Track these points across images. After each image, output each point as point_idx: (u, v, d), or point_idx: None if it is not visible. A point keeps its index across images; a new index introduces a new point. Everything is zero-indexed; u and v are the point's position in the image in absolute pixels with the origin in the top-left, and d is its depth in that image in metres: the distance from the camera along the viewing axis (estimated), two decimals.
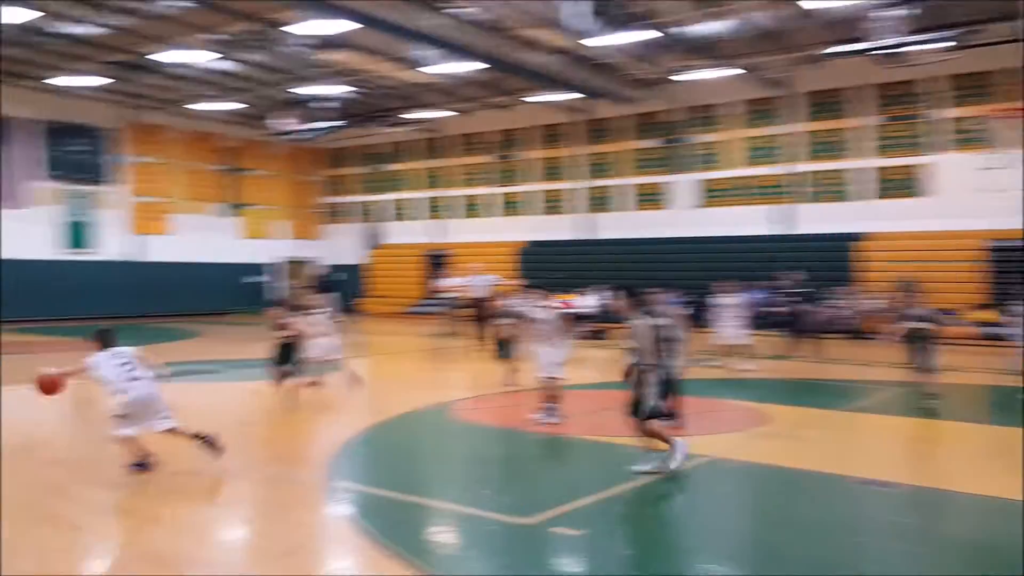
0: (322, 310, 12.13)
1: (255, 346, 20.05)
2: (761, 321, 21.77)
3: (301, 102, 27.21)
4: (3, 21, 17.74)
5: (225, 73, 23.69)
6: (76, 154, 26.42)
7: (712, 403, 10.90)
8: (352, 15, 15.70)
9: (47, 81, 23.74)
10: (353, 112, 28.34)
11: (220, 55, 21.31)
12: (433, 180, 31.11)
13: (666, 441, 7.03)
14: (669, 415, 8.79)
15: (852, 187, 22.73)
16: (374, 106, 27.52)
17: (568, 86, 21.64)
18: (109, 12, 17.93)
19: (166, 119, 28.49)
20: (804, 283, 16.90)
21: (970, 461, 8.00)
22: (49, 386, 7.10)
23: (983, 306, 19.85)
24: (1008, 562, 5.12)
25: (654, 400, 6.97)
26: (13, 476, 6.92)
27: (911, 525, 6.01)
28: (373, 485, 6.92)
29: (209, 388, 12.64)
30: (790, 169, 23.62)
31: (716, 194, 24.85)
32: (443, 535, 5.79)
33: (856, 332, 19.48)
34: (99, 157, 27.02)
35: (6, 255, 24.38)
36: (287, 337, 10.47)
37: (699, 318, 21.54)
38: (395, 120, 28.72)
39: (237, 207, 31.34)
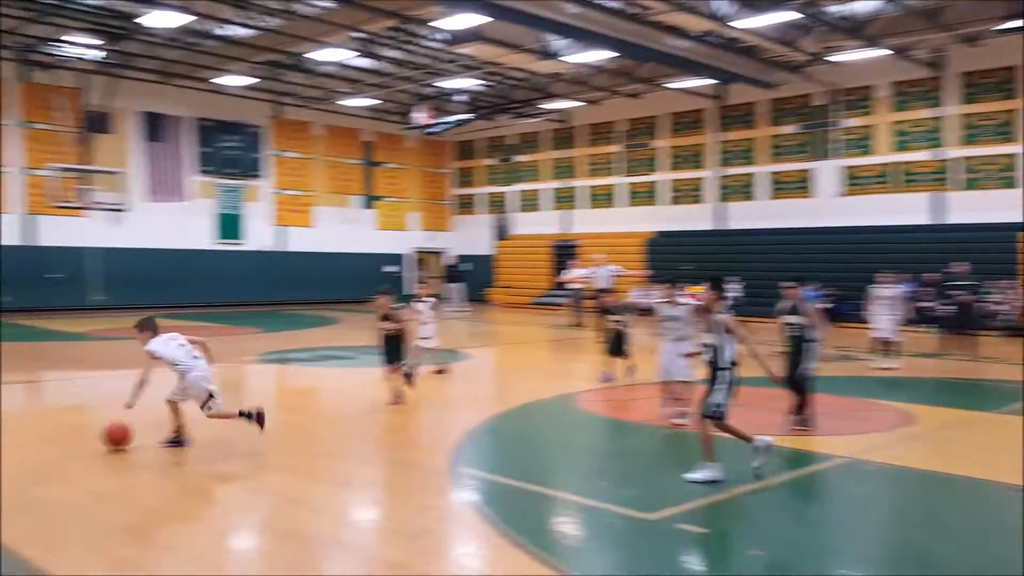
0: (426, 299, 12.33)
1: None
2: (918, 316, 20.58)
3: (436, 96, 27.90)
4: (160, 25, 19.14)
5: (365, 70, 24.59)
6: (228, 150, 28.14)
7: (854, 402, 10.38)
8: (489, 7, 15.84)
9: (202, 80, 25.43)
10: (484, 104, 28.77)
11: (360, 52, 22.10)
12: (561, 171, 31.11)
13: (710, 455, 6.51)
14: (800, 416, 8.41)
15: (1014, 174, 20.96)
16: (505, 97, 27.80)
17: (706, 71, 21.01)
18: (259, 13, 18.95)
19: (309, 115, 29.90)
20: (965, 276, 15.73)
21: None
22: (120, 436, 7.23)
23: None
24: None
25: (720, 400, 6.49)
26: (158, 456, 7.46)
27: None
28: (496, 473, 7.00)
29: (344, 373, 13.18)
30: (944, 155, 22.05)
31: (862, 181, 23.54)
32: (565, 526, 5.78)
33: (1015, 329, 18.02)
34: (248, 153, 28.67)
35: (169, 245, 26.38)
36: (394, 329, 9.88)
37: (841, 312, 20.67)
38: (526, 111, 28.90)
39: (373, 199, 32.49)
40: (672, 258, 25.69)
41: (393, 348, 9.87)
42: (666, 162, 27.90)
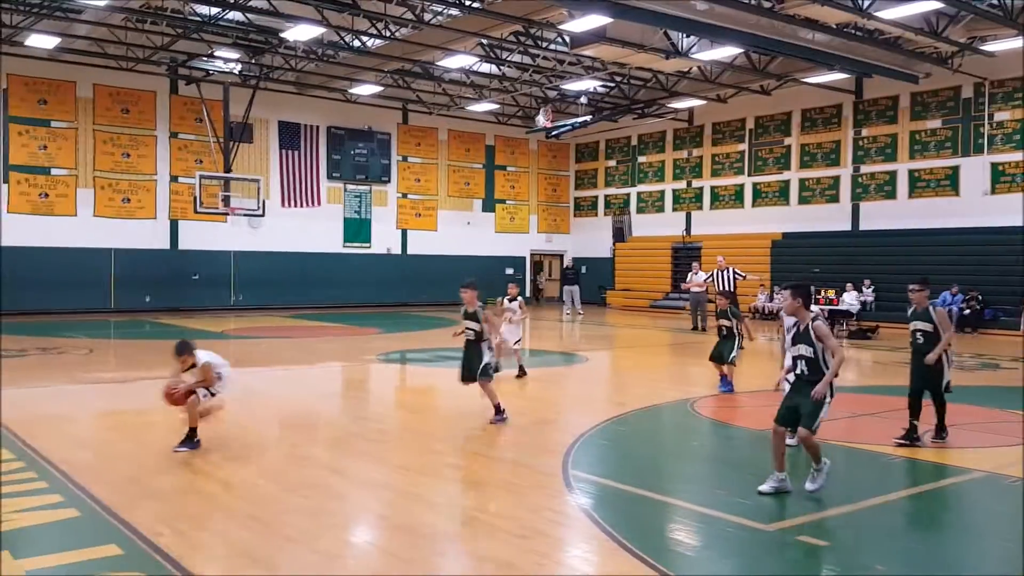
0: (515, 299, 12.23)
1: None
2: None
3: (559, 98, 28.00)
4: (299, 38, 20.11)
5: (489, 75, 24.99)
6: (357, 156, 29.25)
7: (998, 414, 9.63)
8: (615, 8, 15.70)
9: (335, 90, 26.57)
10: (607, 105, 28.61)
11: (485, 58, 22.46)
12: (684, 170, 30.50)
13: (817, 458, 6.09)
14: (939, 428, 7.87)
15: None
16: (628, 98, 27.53)
17: (843, 64, 20.05)
18: (390, 24, 19.59)
19: (434, 121, 30.66)
20: None
21: None
22: (178, 399, 7.42)
23: None
24: None
25: (813, 411, 6.04)
26: (286, 448, 7.80)
27: None
28: (609, 477, 6.92)
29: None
30: None
31: (1014, 178, 21.82)
32: (677, 533, 5.64)
33: None
34: (376, 159, 29.69)
35: (302, 249, 27.71)
36: (476, 331, 8.90)
37: (988, 318, 19.30)
38: (649, 111, 28.52)
39: (494, 202, 32.93)
40: (799, 260, 24.73)
41: (471, 357, 8.85)
42: (796, 160, 26.82)
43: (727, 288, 17.50)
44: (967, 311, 20.07)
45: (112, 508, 5.68)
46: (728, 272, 18.72)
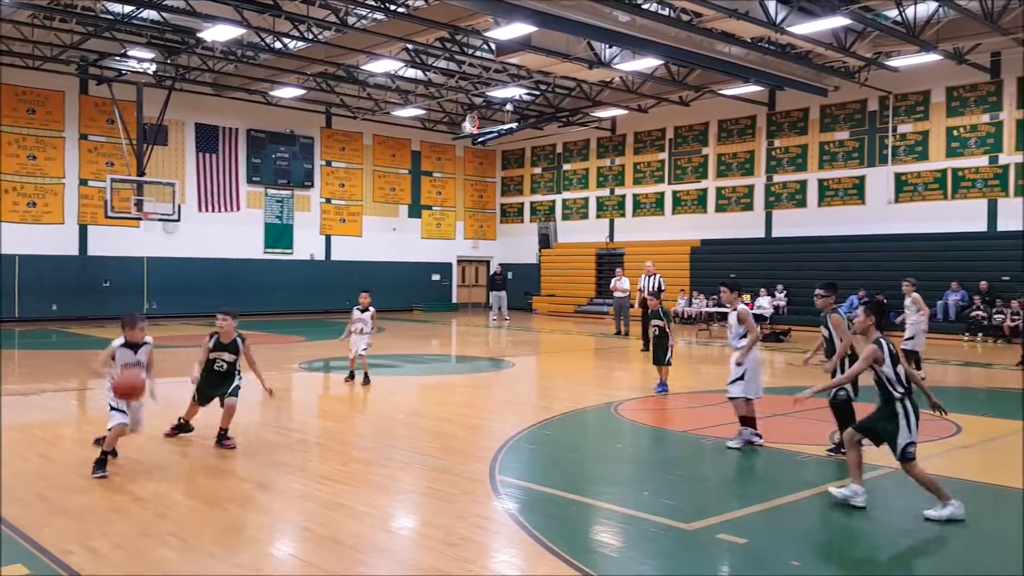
0: (366, 309, 12.39)
1: (432, 342, 21.00)
2: (971, 325, 20.07)
3: (484, 105, 28.10)
4: (217, 38, 19.63)
5: (415, 80, 24.90)
6: (278, 160, 28.68)
7: None
8: (539, 17, 15.86)
9: (255, 92, 26.01)
10: (532, 113, 28.87)
11: (411, 63, 22.37)
12: (607, 179, 31.02)
13: (941, 494, 5.93)
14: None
15: None
16: (553, 106, 27.85)
17: (757, 77, 20.74)
18: (314, 27, 19.31)
19: (359, 126, 30.34)
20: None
21: None
22: (128, 390, 6.84)
23: None
24: None
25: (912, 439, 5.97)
26: (198, 461, 7.59)
27: None
28: (535, 481, 6.98)
29: (385, 381, 13.27)
30: (1001, 160, 21.41)
31: (916, 188, 22.98)
32: (602, 535, 5.73)
33: None
34: (298, 163, 29.18)
35: (220, 255, 27.01)
36: (228, 363, 8.29)
37: (892, 322, 20.20)
38: (573, 119, 28.90)
39: (420, 208, 32.79)
40: (717, 266, 25.45)
41: (212, 383, 8.20)
42: (714, 169, 27.61)
43: (652, 294, 17.84)
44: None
45: (19, 527, 5.43)
46: (656, 279, 19.08)
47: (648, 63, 21.21)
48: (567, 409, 10.34)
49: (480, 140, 29.49)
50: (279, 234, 28.86)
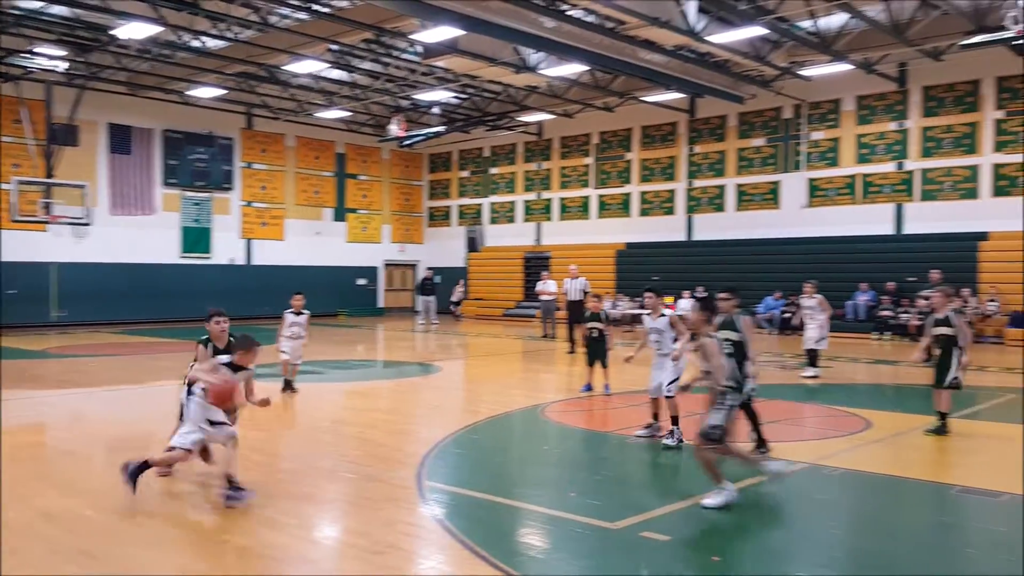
0: (300, 312, 12.16)
1: (358, 347, 20.74)
2: (879, 324, 20.97)
3: (411, 108, 27.93)
4: (131, 36, 18.96)
5: (339, 81, 24.56)
6: (196, 162, 27.87)
7: (817, 409, 10.50)
8: (465, 21, 15.86)
9: (172, 92, 25.22)
10: (459, 116, 28.85)
11: (335, 64, 22.07)
12: (534, 183, 31.23)
13: (717, 478, 6.20)
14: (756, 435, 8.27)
15: (974, 185, 21.38)
16: (480, 110, 27.90)
17: (678, 84, 21.21)
18: (233, 25, 18.84)
19: (281, 127, 29.75)
20: (938, 284, 16.03)
21: None
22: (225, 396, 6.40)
23: None
24: None
25: (717, 421, 6.27)
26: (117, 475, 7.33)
27: (1012, 535, 5.60)
28: (463, 486, 6.97)
29: (310, 388, 13.05)
30: (907, 166, 22.45)
31: (827, 193, 23.88)
32: (530, 537, 5.77)
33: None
34: (217, 165, 28.42)
35: (134, 260, 26.09)
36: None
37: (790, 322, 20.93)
38: (500, 124, 29.01)
39: (345, 211, 32.37)
40: (641, 269, 25.93)
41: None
42: (637, 174, 28.12)
43: (578, 297, 18.07)
44: (788, 315, 21.72)
45: None
46: (579, 282, 19.26)
47: (573, 69, 21.47)
48: (494, 413, 10.37)
49: (407, 143, 29.31)
50: (197, 238, 28.04)
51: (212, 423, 6.40)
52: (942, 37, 18.85)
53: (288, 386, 11.80)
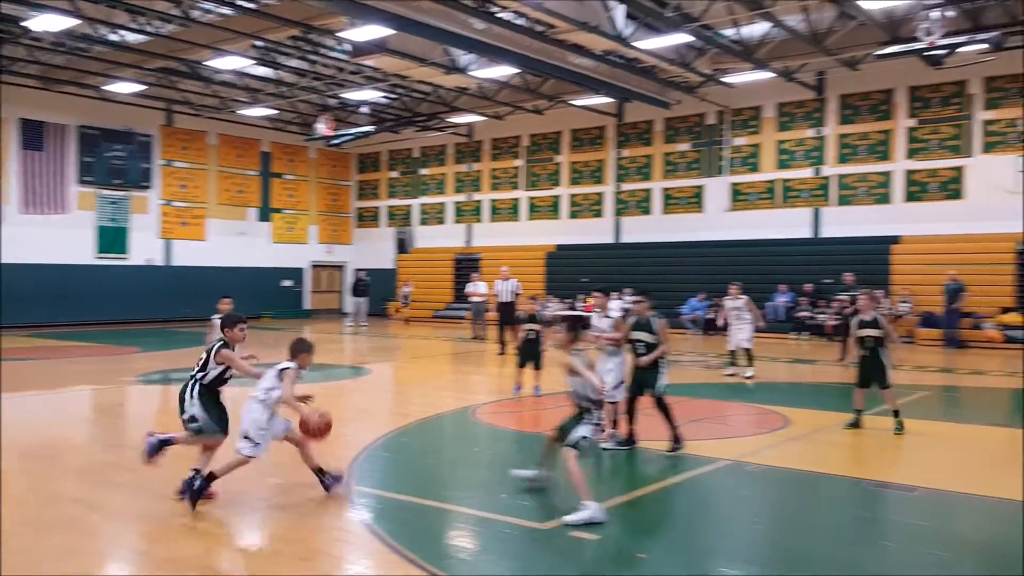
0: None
1: (285, 350, 20.33)
2: (797, 324, 21.68)
3: (339, 107, 27.54)
4: (45, 28, 18.16)
5: (264, 79, 24.05)
6: (113, 159, 26.89)
7: (732, 407, 10.80)
8: (394, 20, 15.73)
9: (89, 87, 24.27)
10: (388, 116, 28.60)
11: (260, 61, 21.60)
12: (465, 184, 31.20)
13: (585, 494, 5.88)
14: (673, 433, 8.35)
15: (888, 190, 22.33)
16: (409, 110, 27.71)
17: (606, 89, 21.50)
18: (153, 19, 18.24)
19: (203, 124, 28.95)
20: (853, 286, 16.67)
21: (989, 464, 7.81)
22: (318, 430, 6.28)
23: (1008, 309, 19.59)
24: (1014, 561, 5.02)
25: (584, 433, 6.15)
26: (30, 483, 7.01)
27: (928, 528, 5.89)
28: (393, 489, 6.92)
29: (233, 393, 12.74)
30: (824, 172, 23.28)
31: (748, 197, 24.57)
32: (460, 540, 5.77)
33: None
34: (135, 162, 27.48)
35: (47, 260, 24.99)
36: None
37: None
38: (430, 124, 28.88)
39: (270, 211, 31.71)
40: (571, 271, 26.19)
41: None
42: (567, 177, 28.39)
43: (509, 299, 18.13)
44: (711, 315, 22.27)
45: None
46: (510, 284, 19.29)
47: (503, 71, 21.54)
48: (424, 415, 10.32)
49: (334, 142, 28.88)
50: (113, 238, 27.03)
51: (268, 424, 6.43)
52: (858, 47, 19.64)
53: None
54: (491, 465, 8.12)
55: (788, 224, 23.59)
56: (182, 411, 6.59)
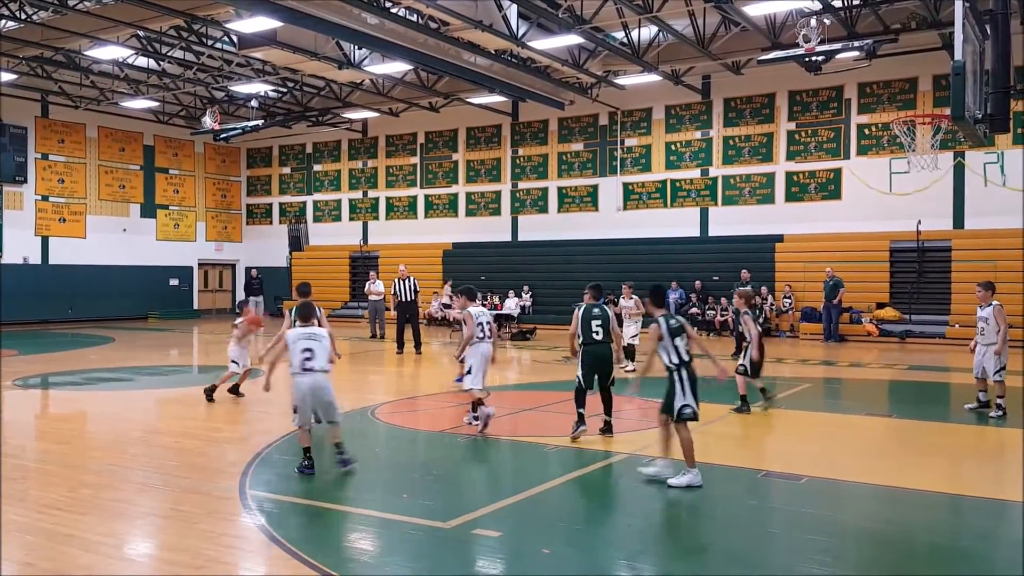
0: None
1: (172, 352, 19.52)
2: (687, 319, 22.43)
3: (227, 100, 26.61)
4: None
5: (148, 70, 22.97)
6: None
7: (627, 401, 11.10)
8: (284, 12, 15.32)
9: None
10: (280, 111, 27.84)
11: (143, 51, 20.63)
12: (359, 181, 30.76)
13: (686, 459, 6.90)
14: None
15: (770, 191, 23.42)
16: (301, 105, 27.05)
17: (501, 87, 21.63)
18: (27, 4, 17.15)
19: (82, 116, 27.40)
20: (747, 283, 17.45)
21: (869, 453, 8.35)
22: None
23: (883, 304, 20.93)
24: (896, 546, 5.38)
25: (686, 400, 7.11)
26: None
27: (814, 515, 6.24)
28: (290, 494, 6.77)
29: (119, 397, 12.18)
30: (712, 173, 24.20)
31: (640, 197, 25.26)
32: (361, 542, 5.71)
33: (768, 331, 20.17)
34: (7, 155, 25.73)
35: None
36: None
37: (619, 317, 22.06)
38: (324, 120, 28.29)
39: (155, 208, 30.36)
40: (469, 269, 26.26)
41: None
42: (463, 175, 28.42)
43: (409, 297, 18.00)
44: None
45: None
46: (410, 281, 19.06)
47: (398, 67, 21.35)
48: None
49: (222, 136, 27.89)
50: None
51: None
52: (742, 52, 20.52)
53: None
54: (392, 465, 8.07)
55: (678, 223, 24.40)
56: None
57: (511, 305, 23.71)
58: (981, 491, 6.89)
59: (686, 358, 7.04)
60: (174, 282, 30.66)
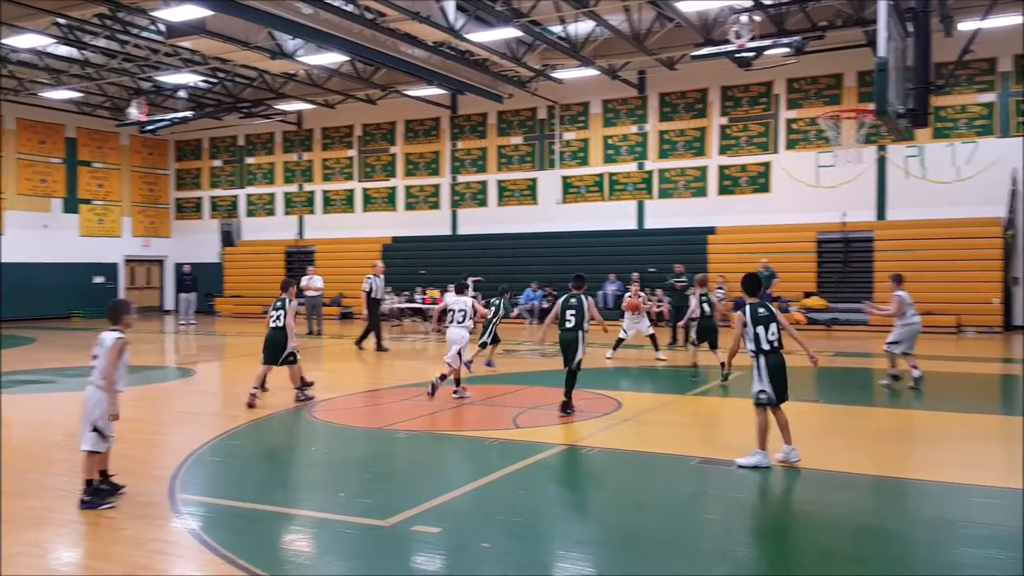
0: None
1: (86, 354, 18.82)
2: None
3: (154, 91, 25.77)
4: None
5: (69, 59, 22.07)
6: None
7: (577, 393, 11.15)
8: (214, 1, 14.86)
9: None
10: (210, 102, 27.10)
11: (63, 39, 19.80)
12: (293, 174, 30.18)
13: (758, 440, 7.16)
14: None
15: (704, 184, 23.82)
16: (233, 96, 26.37)
17: (439, 80, 21.44)
18: None
19: None
20: (681, 275, 17.71)
21: (801, 438, 8.56)
22: None
23: (810, 294, 21.55)
24: (829, 529, 5.52)
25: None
26: None
27: (748, 500, 6.37)
28: (223, 496, 6.59)
29: (39, 399, 11.69)
30: (647, 166, 24.48)
31: (579, 190, 25.40)
32: (297, 544, 5.58)
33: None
34: None
35: None
36: None
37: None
38: (256, 111, 27.64)
39: (77, 202, 29.26)
40: (409, 262, 26.05)
41: None
42: (402, 168, 28.14)
43: (382, 295, 17.85)
44: (546, 305, 22.87)
45: None
46: (381, 279, 18.63)
47: (333, 58, 20.99)
48: (257, 416, 9.90)
49: (149, 128, 27.00)
50: None
51: None
52: (675, 48, 20.78)
53: None
54: (329, 464, 7.93)
55: (615, 216, 24.63)
56: None
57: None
58: (905, 472, 7.12)
59: (765, 347, 7.12)
60: (99, 280, 29.61)
